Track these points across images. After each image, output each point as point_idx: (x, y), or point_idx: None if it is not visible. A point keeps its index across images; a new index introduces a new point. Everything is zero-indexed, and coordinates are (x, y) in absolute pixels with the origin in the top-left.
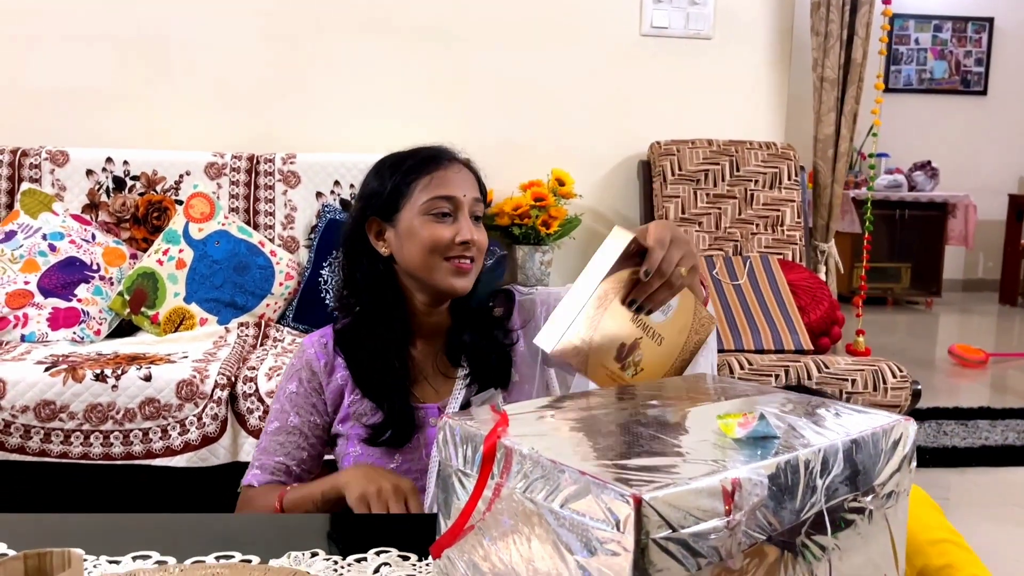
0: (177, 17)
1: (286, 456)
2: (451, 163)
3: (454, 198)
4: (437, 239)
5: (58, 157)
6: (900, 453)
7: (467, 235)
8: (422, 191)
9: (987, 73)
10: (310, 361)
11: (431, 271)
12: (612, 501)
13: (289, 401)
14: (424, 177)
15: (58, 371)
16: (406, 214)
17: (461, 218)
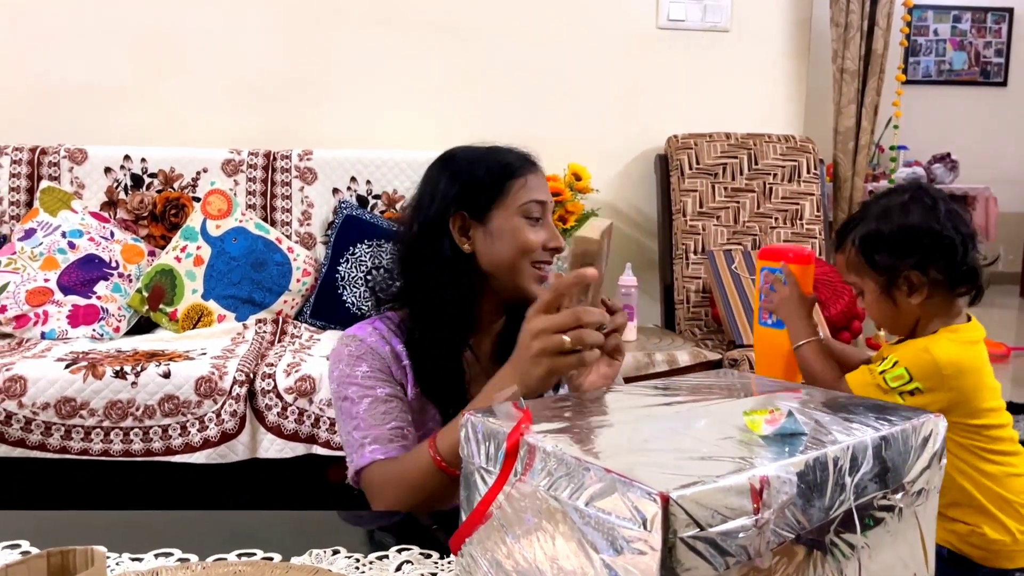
0: (194, 14)
1: (396, 420)
2: (537, 168)
3: (545, 203)
4: (530, 242)
5: (76, 155)
6: (930, 450)
7: (558, 242)
8: (519, 192)
9: (1007, 64)
10: (374, 348)
11: (517, 273)
12: (639, 499)
13: (367, 380)
14: (520, 178)
15: (78, 368)
16: (500, 213)
17: (547, 222)
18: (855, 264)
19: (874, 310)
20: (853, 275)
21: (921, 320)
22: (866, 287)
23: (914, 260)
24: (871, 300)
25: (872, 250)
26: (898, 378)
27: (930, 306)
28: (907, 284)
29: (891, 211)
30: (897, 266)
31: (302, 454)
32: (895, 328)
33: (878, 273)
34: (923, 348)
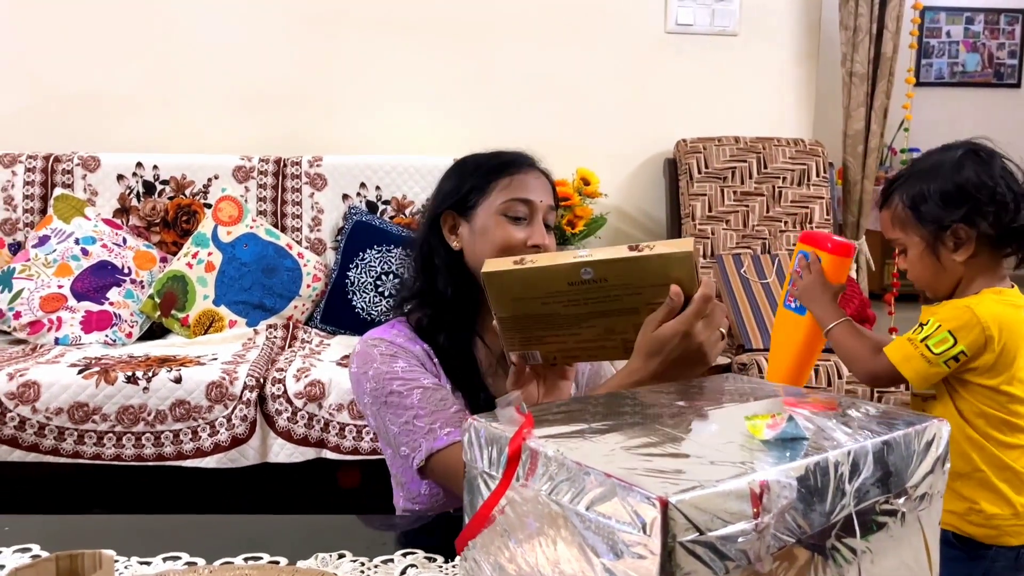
0: (204, 22)
1: (456, 405)
2: (531, 169)
3: (531, 202)
4: (509, 240)
5: (90, 163)
6: (933, 454)
7: (539, 239)
8: (501, 191)
9: (1020, 65)
10: (406, 347)
11: None
12: (638, 504)
13: (408, 373)
14: (504, 178)
15: (91, 373)
16: (482, 212)
17: (535, 223)
18: (901, 218)
19: (916, 268)
20: (898, 231)
21: (963, 280)
22: (910, 243)
23: (963, 212)
24: (914, 256)
25: (920, 202)
26: (942, 342)
27: (974, 265)
28: (954, 238)
29: (943, 165)
30: (945, 219)
31: (312, 458)
32: (936, 288)
33: (924, 227)
34: (964, 306)
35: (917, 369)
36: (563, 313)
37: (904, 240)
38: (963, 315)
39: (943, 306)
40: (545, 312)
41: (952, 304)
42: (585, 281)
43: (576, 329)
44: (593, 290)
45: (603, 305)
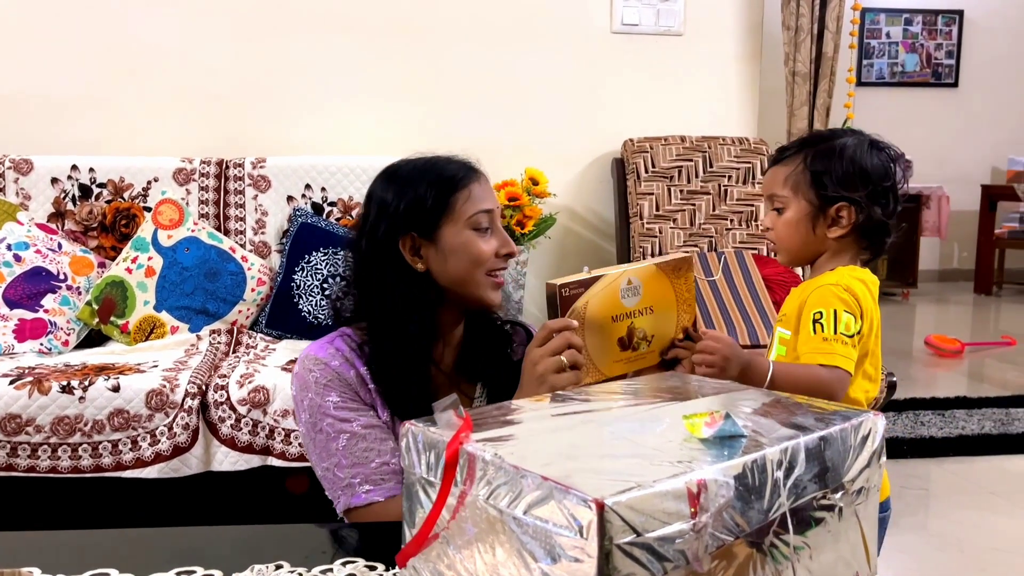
0: (142, 19)
1: (379, 456)
2: (479, 175)
3: (492, 211)
4: (483, 253)
5: (22, 165)
6: (869, 448)
7: (510, 247)
8: (465, 204)
9: (958, 65)
10: (340, 373)
11: (475, 285)
12: (575, 506)
13: (340, 412)
14: (463, 191)
15: (23, 384)
16: (449, 229)
17: (497, 230)
18: (796, 180)
19: (787, 230)
20: (787, 190)
21: (824, 256)
22: (793, 205)
23: (856, 195)
24: (791, 219)
25: (822, 172)
26: (848, 324)
27: (838, 245)
28: (835, 216)
29: (848, 147)
30: (838, 197)
31: (257, 466)
32: (796, 254)
33: (816, 196)
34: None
35: (852, 359)
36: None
37: (789, 200)
38: (840, 293)
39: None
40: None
41: (821, 290)
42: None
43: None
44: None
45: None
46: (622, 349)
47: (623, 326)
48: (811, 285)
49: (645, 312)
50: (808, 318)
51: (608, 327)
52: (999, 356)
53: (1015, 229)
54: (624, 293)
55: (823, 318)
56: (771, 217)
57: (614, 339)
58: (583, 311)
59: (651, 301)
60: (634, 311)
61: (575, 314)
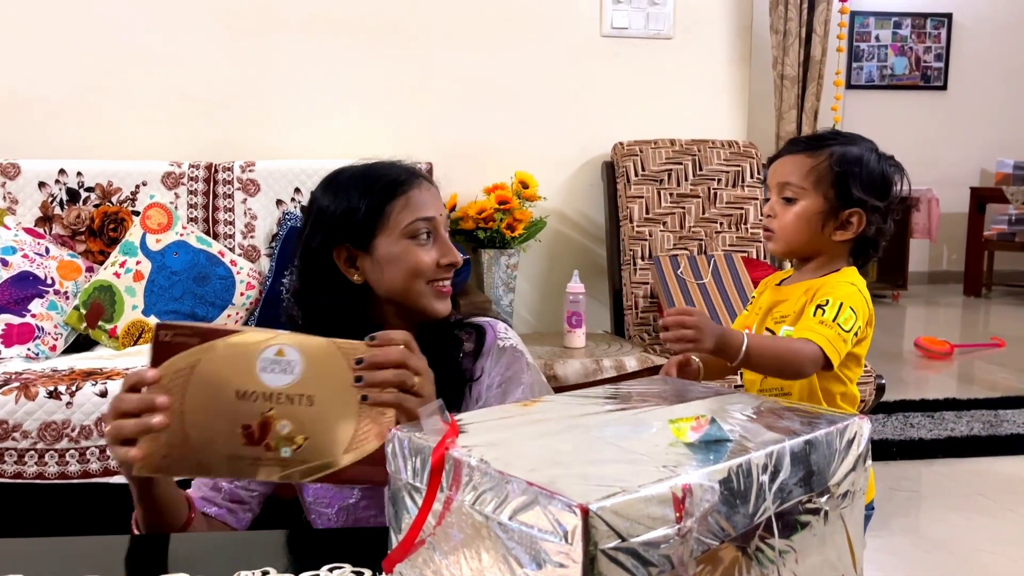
0: (131, 23)
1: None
2: (420, 181)
3: (433, 219)
4: (422, 264)
5: (9, 169)
6: (855, 452)
7: (452, 258)
8: (400, 214)
9: (947, 68)
10: None
11: (415, 296)
12: (559, 512)
13: None
14: (400, 199)
15: (10, 389)
16: (384, 240)
17: (440, 239)
18: (820, 173)
19: (795, 222)
20: (807, 182)
21: (822, 256)
22: (808, 198)
23: (873, 203)
24: (802, 212)
25: (849, 171)
26: (848, 319)
27: (837, 249)
28: (846, 220)
29: (869, 153)
30: (857, 201)
31: None
32: (795, 248)
33: (835, 195)
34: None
35: (840, 350)
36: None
37: (805, 193)
38: (852, 291)
39: (828, 285)
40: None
41: (833, 282)
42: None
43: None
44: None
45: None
46: (248, 443)
47: (254, 410)
48: (817, 284)
49: (299, 402)
50: (812, 303)
51: (229, 405)
52: (988, 358)
53: (1004, 231)
54: (267, 365)
55: (827, 305)
56: (779, 205)
57: (236, 424)
58: (187, 371)
59: (314, 390)
60: (278, 395)
61: (174, 372)
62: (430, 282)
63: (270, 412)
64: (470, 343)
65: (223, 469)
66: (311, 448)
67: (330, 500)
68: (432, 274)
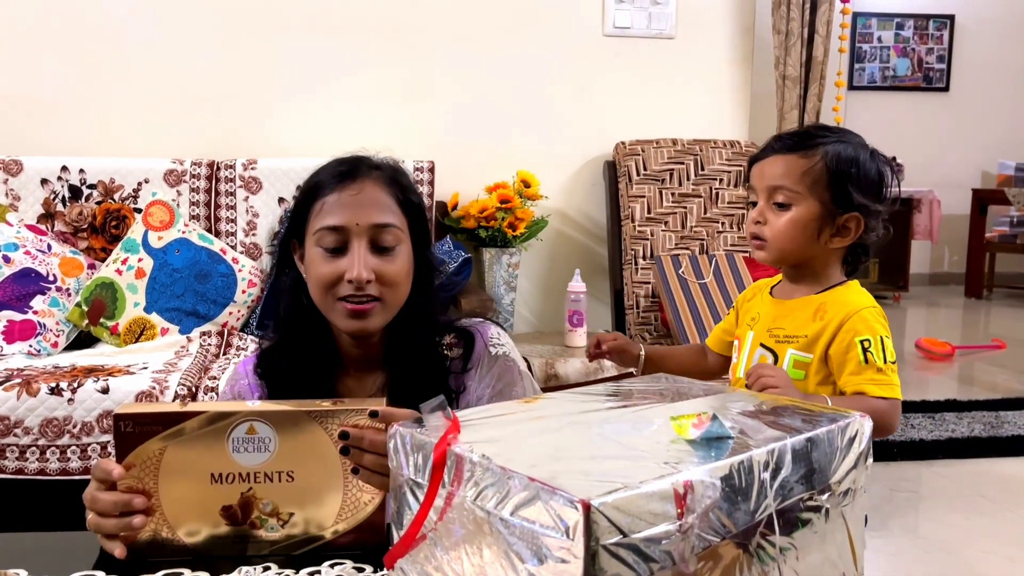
0: (134, 21)
1: None
2: (351, 182)
3: (341, 229)
4: (323, 277)
5: (11, 166)
6: (856, 450)
7: (354, 272)
8: (315, 218)
9: (949, 70)
10: (242, 393)
11: (328, 310)
12: (561, 507)
13: None
14: (318, 202)
15: (11, 385)
16: (308, 241)
17: (352, 251)
18: (816, 176)
19: (789, 229)
20: (802, 185)
21: (816, 265)
22: (803, 205)
23: (872, 207)
24: (797, 217)
25: (846, 173)
26: (891, 350)
27: (831, 256)
28: (844, 224)
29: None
30: (858, 205)
31: None
32: (788, 255)
33: (831, 199)
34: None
35: (898, 383)
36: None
37: (800, 198)
38: (877, 316)
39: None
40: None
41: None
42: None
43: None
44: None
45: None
46: (231, 523)
47: (233, 492)
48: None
49: (278, 479)
50: (856, 345)
51: (204, 489)
52: (989, 359)
53: (1005, 233)
54: (239, 445)
55: (872, 346)
56: (769, 211)
57: (215, 507)
58: (156, 459)
59: (293, 465)
60: (255, 474)
61: (143, 460)
62: (340, 299)
63: (250, 492)
64: (458, 350)
65: (211, 549)
66: (300, 522)
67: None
68: (340, 289)
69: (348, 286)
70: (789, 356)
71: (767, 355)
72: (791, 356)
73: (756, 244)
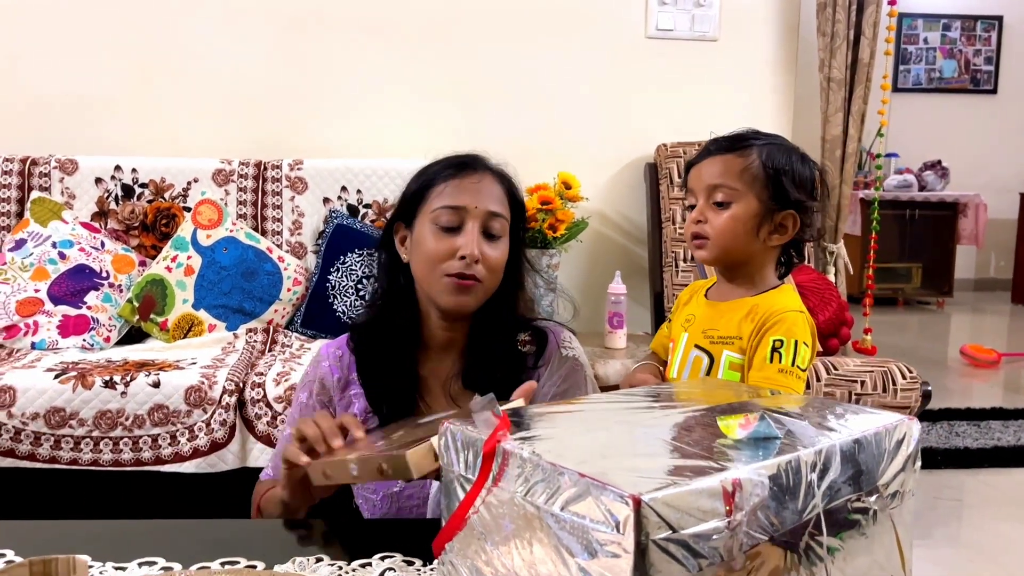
0: (184, 24)
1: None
2: (472, 172)
3: (462, 208)
4: (436, 252)
5: (67, 165)
6: (904, 453)
7: (466, 249)
8: (436, 198)
9: (997, 71)
10: (323, 377)
11: (432, 284)
12: (611, 502)
13: (299, 411)
14: (440, 184)
15: (68, 378)
16: (419, 221)
17: (467, 231)
18: (752, 174)
19: (730, 228)
20: (740, 184)
21: (754, 262)
22: (742, 202)
23: (807, 203)
24: (737, 216)
25: (781, 171)
26: (804, 357)
27: (768, 256)
28: (780, 223)
29: (794, 153)
30: (790, 203)
31: None
32: (728, 254)
33: (769, 196)
34: (798, 312)
35: (800, 393)
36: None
37: (740, 195)
38: (800, 321)
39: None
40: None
41: (790, 317)
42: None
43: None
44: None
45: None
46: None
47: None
48: (762, 306)
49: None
50: (767, 344)
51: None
52: None
53: None
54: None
55: (783, 347)
56: (709, 210)
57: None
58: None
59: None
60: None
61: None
62: (448, 275)
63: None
64: (532, 347)
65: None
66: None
67: (376, 487)
68: (449, 266)
69: (458, 263)
70: (725, 357)
71: (702, 356)
72: (727, 357)
73: (697, 244)
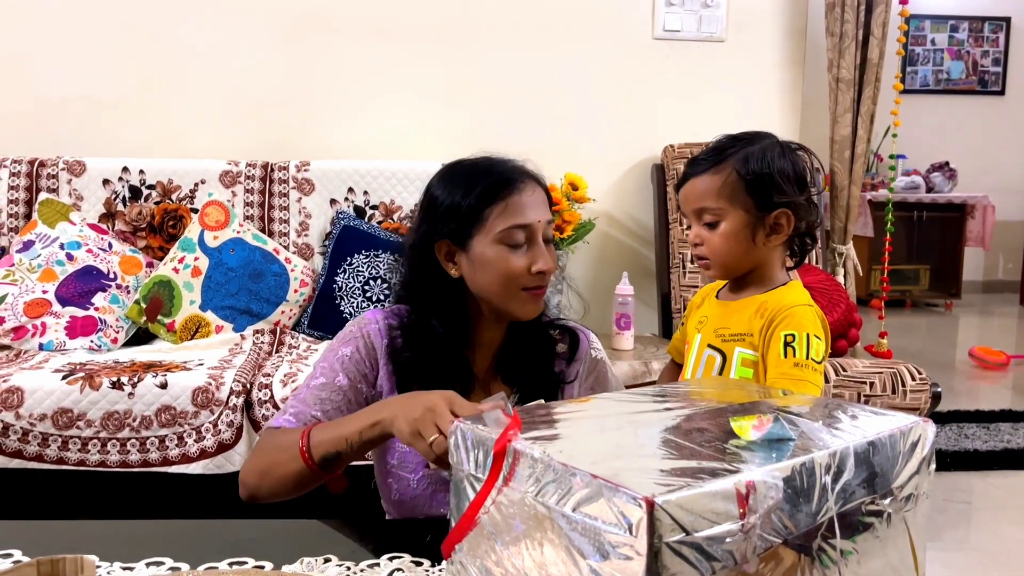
0: (191, 26)
1: (324, 413)
2: (525, 184)
3: (529, 226)
4: (513, 271)
5: (75, 167)
6: (919, 455)
7: (543, 265)
8: (497, 218)
9: (1004, 73)
10: (371, 335)
11: (506, 300)
12: (624, 504)
13: (340, 363)
14: (499, 203)
15: (75, 379)
16: (480, 241)
17: (535, 246)
18: (732, 188)
19: (726, 243)
20: (723, 201)
21: (761, 266)
22: (730, 217)
23: (795, 200)
24: (729, 231)
25: (759, 178)
26: (818, 349)
27: (774, 255)
28: (774, 224)
29: (772, 148)
30: (776, 203)
31: None
32: (734, 267)
33: (754, 204)
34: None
35: (820, 383)
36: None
37: (724, 212)
38: (809, 314)
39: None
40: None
41: (797, 311)
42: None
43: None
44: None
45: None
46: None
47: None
48: (771, 303)
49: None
50: (779, 339)
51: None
52: None
53: None
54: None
55: (795, 341)
56: (702, 232)
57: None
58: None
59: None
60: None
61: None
62: (525, 288)
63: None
64: (563, 345)
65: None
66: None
67: (415, 465)
68: (525, 280)
69: (534, 277)
70: (737, 354)
71: (715, 355)
72: (739, 354)
73: (703, 264)
